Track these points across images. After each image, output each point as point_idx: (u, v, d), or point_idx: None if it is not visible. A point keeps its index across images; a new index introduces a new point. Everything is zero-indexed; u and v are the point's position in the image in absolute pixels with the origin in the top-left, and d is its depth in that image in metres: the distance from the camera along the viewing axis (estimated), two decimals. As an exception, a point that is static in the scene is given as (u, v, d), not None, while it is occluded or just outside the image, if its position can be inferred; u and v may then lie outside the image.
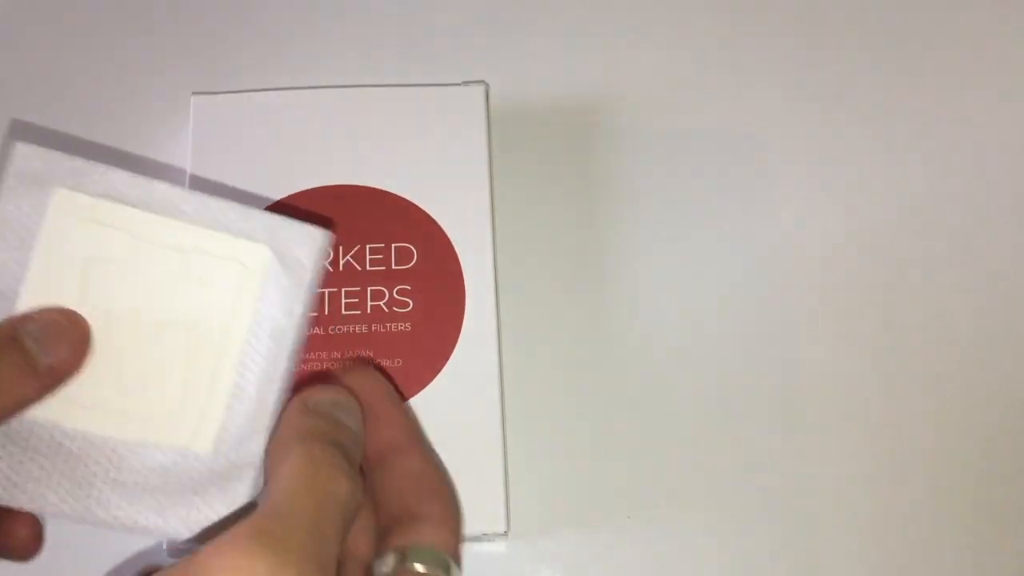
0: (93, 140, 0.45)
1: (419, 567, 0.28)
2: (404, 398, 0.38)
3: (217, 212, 0.29)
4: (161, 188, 0.29)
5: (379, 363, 0.38)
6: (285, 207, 0.40)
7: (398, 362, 0.38)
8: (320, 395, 0.30)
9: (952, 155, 0.46)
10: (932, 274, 0.44)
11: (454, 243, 0.40)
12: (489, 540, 0.38)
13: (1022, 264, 0.44)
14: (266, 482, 0.29)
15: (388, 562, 0.28)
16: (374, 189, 0.41)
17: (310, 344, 0.38)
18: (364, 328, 0.38)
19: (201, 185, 0.40)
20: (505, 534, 0.37)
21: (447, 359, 0.38)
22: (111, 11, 0.47)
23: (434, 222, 0.40)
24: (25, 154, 0.28)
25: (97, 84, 0.46)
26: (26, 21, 0.47)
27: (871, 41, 0.48)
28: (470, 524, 0.37)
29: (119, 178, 0.29)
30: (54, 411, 0.28)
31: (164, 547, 0.36)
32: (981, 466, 0.41)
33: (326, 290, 0.39)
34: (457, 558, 0.29)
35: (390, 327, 0.39)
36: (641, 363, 0.42)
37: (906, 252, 0.44)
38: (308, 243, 0.30)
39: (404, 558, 0.28)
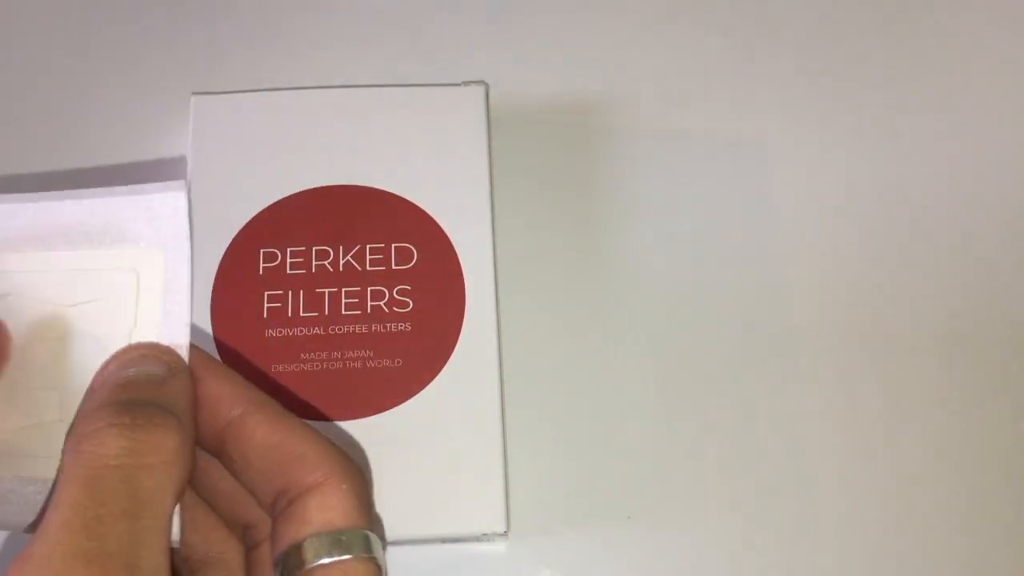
0: (93, 140, 0.45)
1: (325, 560, 0.23)
2: (404, 398, 0.38)
3: (88, 219, 0.27)
4: (24, 210, 0.27)
5: (379, 363, 0.38)
6: (286, 207, 0.40)
7: (398, 362, 0.38)
8: (106, 370, 0.25)
9: (955, 156, 0.46)
10: (934, 275, 0.44)
11: (454, 243, 0.40)
12: (489, 540, 0.38)
13: None
14: None
15: (285, 569, 0.23)
16: (374, 189, 0.41)
17: (310, 344, 0.38)
18: (364, 328, 0.38)
19: (202, 185, 0.40)
20: (505, 534, 0.37)
21: (447, 359, 0.38)
22: (111, 11, 0.47)
23: (434, 222, 0.40)
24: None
25: (97, 84, 0.46)
26: (26, 21, 0.47)
27: (873, 40, 0.48)
28: (470, 524, 0.37)
29: None
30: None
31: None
32: (982, 466, 0.41)
33: (326, 290, 0.39)
34: (368, 521, 0.24)
35: (390, 327, 0.39)
36: (641, 363, 0.42)
37: (907, 253, 0.44)
38: (174, 206, 0.27)
39: (301, 560, 0.23)
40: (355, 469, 0.24)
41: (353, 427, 0.37)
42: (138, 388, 0.23)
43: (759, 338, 0.43)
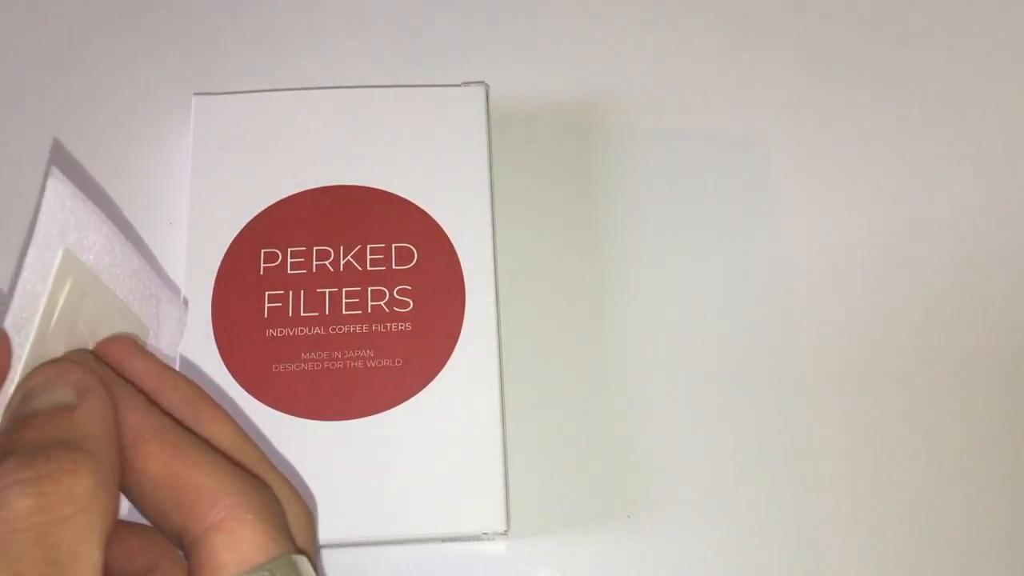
0: (94, 140, 0.45)
1: None
2: (404, 398, 0.38)
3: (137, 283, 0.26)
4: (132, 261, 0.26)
5: (379, 363, 0.38)
6: (286, 207, 0.40)
7: (398, 362, 0.38)
8: (12, 401, 0.22)
9: (958, 157, 0.46)
10: (934, 275, 0.44)
11: (454, 243, 0.40)
12: (489, 540, 0.38)
13: None
14: None
15: None
16: (374, 189, 0.41)
17: (311, 344, 0.38)
18: (364, 328, 0.38)
19: (202, 185, 0.40)
20: (505, 534, 0.37)
21: (447, 359, 0.38)
22: (111, 11, 0.47)
23: (434, 222, 0.40)
24: (59, 194, 0.23)
25: (98, 84, 0.46)
26: (26, 21, 0.47)
27: (873, 40, 0.48)
28: (470, 524, 0.37)
29: (105, 240, 0.25)
30: None
31: None
32: (984, 468, 0.41)
33: (327, 290, 0.39)
34: (286, 543, 0.22)
35: (390, 327, 0.39)
36: (641, 363, 0.42)
37: (908, 253, 0.44)
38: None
39: None
40: (258, 492, 0.22)
41: (353, 427, 0.37)
42: (42, 426, 0.21)
43: (759, 338, 0.43)
